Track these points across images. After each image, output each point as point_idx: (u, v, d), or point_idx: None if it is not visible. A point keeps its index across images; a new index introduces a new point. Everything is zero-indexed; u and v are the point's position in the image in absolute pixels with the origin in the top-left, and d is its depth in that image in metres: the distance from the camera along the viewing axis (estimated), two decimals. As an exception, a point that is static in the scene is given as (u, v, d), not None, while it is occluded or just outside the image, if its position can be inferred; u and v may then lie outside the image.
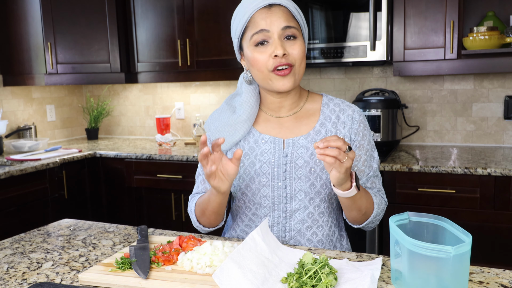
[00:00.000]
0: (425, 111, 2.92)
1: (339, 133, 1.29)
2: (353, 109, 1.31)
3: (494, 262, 2.19)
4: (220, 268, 0.92)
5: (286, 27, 1.19)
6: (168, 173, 2.88)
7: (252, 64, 1.23)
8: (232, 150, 1.33)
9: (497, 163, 2.28)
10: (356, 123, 1.29)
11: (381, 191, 1.33)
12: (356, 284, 0.95)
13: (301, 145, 1.27)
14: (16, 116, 3.33)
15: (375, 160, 1.32)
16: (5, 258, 1.22)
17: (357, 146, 1.29)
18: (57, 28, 3.08)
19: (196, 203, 1.33)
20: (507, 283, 0.98)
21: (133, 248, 1.17)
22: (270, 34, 1.19)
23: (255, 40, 1.21)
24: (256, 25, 1.20)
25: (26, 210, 2.59)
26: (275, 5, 1.21)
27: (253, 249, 1.02)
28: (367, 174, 1.30)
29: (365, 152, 1.29)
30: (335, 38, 2.61)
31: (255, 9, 1.20)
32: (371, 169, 1.30)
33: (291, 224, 1.29)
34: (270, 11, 1.20)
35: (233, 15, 1.29)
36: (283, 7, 1.21)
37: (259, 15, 1.20)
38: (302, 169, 1.26)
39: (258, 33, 1.20)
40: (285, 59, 1.19)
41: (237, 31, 1.26)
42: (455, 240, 0.93)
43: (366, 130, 1.31)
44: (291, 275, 0.97)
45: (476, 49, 2.42)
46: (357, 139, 1.29)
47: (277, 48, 1.18)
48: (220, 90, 3.45)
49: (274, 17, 1.19)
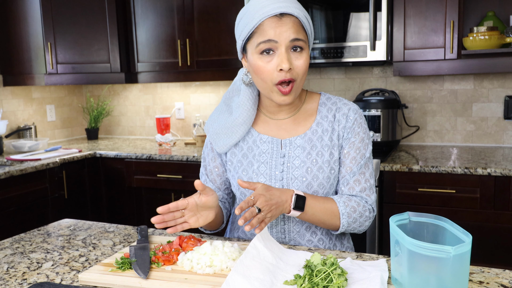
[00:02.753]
0: (425, 111, 2.92)
1: (334, 131, 1.28)
2: (349, 107, 1.30)
3: (494, 262, 2.19)
4: (226, 282, 0.92)
5: (295, 39, 1.16)
6: (168, 173, 2.88)
7: (255, 71, 1.20)
8: (231, 151, 1.33)
9: (497, 163, 2.28)
10: (350, 121, 1.28)
11: (365, 192, 1.28)
12: (366, 285, 0.94)
13: (298, 145, 1.27)
14: (16, 116, 3.33)
15: (364, 158, 1.28)
16: (5, 258, 1.22)
17: (347, 143, 1.28)
18: (57, 28, 3.08)
19: None
20: (507, 283, 0.98)
21: (133, 248, 1.17)
22: (277, 45, 1.16)
23: (261, 48, 1.17)
24: (264, 33, 1.16)
25: (26, 210, 2.59)
26: (286, 15, 1.16)
27: (256, 257, 1.02)
28: (352, 171, 1.28)
29: (354, 150, 1.28)
30: (335, 38, 2.60)
31: (265, 16, 1.15)
32: (358, 165, 1.28)
33: (290, 225, 1.29)
34: (280, 20, 1.15)
35: (239, 13, 1.24)
36: (294, 17, 1.17)
37: (268, 24, 1.16)
38: (299, 169, 1.25)
39: (265, 42, 1.16)
40: (290, 74, 1.17)
41: (242, 33, 1.21)
42: (455, 240, 0.93)
43: (359, 128, 1.29)
44: (298, 277, 0.97)
45: (476, 49, 2.41)
46: (348, 137, 1.28)
47: (283, 61, 1.15)
48: (220, 90, 3.45)
49: (284, 28, 1.15)
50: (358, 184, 1.28)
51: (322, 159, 1.26)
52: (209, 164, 1.39)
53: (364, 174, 1.29)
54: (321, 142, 1.27)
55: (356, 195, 1.28)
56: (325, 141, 1.27)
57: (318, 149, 1.27)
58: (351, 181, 1.28)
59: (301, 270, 1.03)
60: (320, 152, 1.27)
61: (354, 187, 1.28)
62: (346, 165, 1.28)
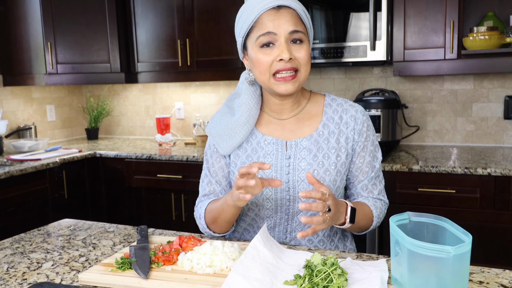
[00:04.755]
0: (425, 111, 2.92)
1: (342, 133, 1.27)
2: (356, 109, 1.30)
3: (494, 262, 2.19)
4: (226, 283, 0.92)
5: (294, 31, 1.17)
6: (168, 173, 2.88)
7: (255, 64, 1.20)
8: (235, 152, 1.32)
9: (497, 163, 2.28)
10: (359, 123, 1.28)
11: (381, 193, 1.32)
12: (366, 284, 0.94)
13: (304, 147, 1.26)
14: (16, 116, 3.33)
15: (378, 161, 1.31)
16: (5, 258, 1.22)
17: (361, 147, 1.28)
18: (57, 28, 3.08)
19: (206, 210, 1.29)
20: (507, 283, 0.98)
21: (133, 248, 1.17)
22: (277, 37, 1.16)
23: (261, 41, 1.17)
24: (263, 26, 1.17)
25: (26, 210, 2.59)
26: (283, 7, 1.17)
27: (256, 257, 1.02)
28: (370, 175, 1.29)
29: (368, 153, 1.28)
30: (335, 38, 2.60)
31: (263, 9, 1.16)
32: (374, 169, 1.30)
33: (293, 225, 1.28)
34: (278, 13, 1.16)
35: (238, 12, 1.25)
36: (292, 10, 1.17)
37: (266, 17, 1.16)
38: (305, 171, 1.24)
39: (264, 35, 1.16)
40: (290, 64, 1.17)
41: (242, 30, 1.22)
42: (455, 240, 0.93)
43: (369, 130, 1.29)
44: (298, 277, 0.97)
45: (476, 49, 2.41)
46: (360, 140, 1.28)
47: (283, 51, 1.15)
48: (220, 90, 3.45)
49: (282, 20, 1.16)
50: (375, 187, 1.31)
51: (328, 161, 1.25)
52: (213, 166, 1.35)
53: (379, 177, 1.32)
54: (328, 144, 1.27)
55: (375, 197, 1.30)
56: (331, 143, 1.27)
57: (325, 151, 1.26)
58: (369, 186, 1.30)
59: (301, 270, 1.03)
60: (327, 154, 1.26)
61: (373, 191, 1.30)
62: (362, 170, 1.29)
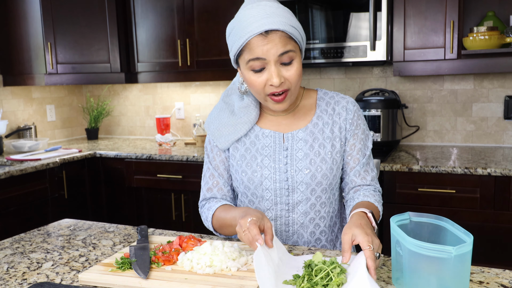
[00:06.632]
0: (425, 111, 2.91)
1: (335, 124, 1.33)
2: (347, 100, 1.35)
3: (494, 262, 2.19)
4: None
5: (283, 53, 1.17)
6: (168, 173, 2.88)
7: (248, 85, 1.24)
8: (233, 146, 1.36)
9: (497, 163, 2.28)
10: (350, 113, 1.33)
11: (374, 180, 1.37)
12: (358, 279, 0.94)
13: (300, 138, 1.31)
14: (16, 116, 3.33)
15: (368, 149, 1.36)
16: (5, 258, 1.22)
17: (351, 135, 1.33)
18: (57, 28, 3.08)
19: (214, 216, 1.32)
20: (507, 283, 0.97)
21: (133, 248, 1.17)
22: (266, 61, 1.17)
23: (251, 66, 1.19)
24: (252, 52, 1.17)
25: (26, 210, 2.59)
26: (271, 31, 1.15)
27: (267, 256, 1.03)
28: (361, 162, 1.34)
29: (359, 141, 1.34)
30: (335, 38, 2.60)
31: (250, 35, 1.16)
32: (364, 156, 1.35)
33: (294, 217, 1.31)
34: (266, 38, 1.16)
35: (228, 26, 1.24)
36: (280, 32, 1.17)
37: (255, 42, 1.16)
38: (303, 161, 1.29)
39: (254, 60, 1.18)
40: (281, 87, 1.20)
41: (232, 49, 1.23)
42: (456, 240, 0.93)
43: (360, 120, 1.35)
44: (297, 276, 0.97)
45: (476, 49, 2.41)
46: (351, 129, 1.33)
47: (273, 77, 1.17)
48: (220, 90, 3.45)
49: (271, 44, 1.16)
50: (367, 173, 1.35)
51: (324, 150, 1.31)
52: (214, 159, 1.39)
53: (369, 164, 1.36)
54: (323, 135, 1.32)
55: (370, 184, 1.34)
56: (326, 133, 1.32)
57: (320, 141, 1.31)
58: (362, 172, 1.34)
59: (300, 271, 1.03)
60: (322, 144, 1.31)
61: (366, 177, 1.34)
62: (353, 157, 1.34)
